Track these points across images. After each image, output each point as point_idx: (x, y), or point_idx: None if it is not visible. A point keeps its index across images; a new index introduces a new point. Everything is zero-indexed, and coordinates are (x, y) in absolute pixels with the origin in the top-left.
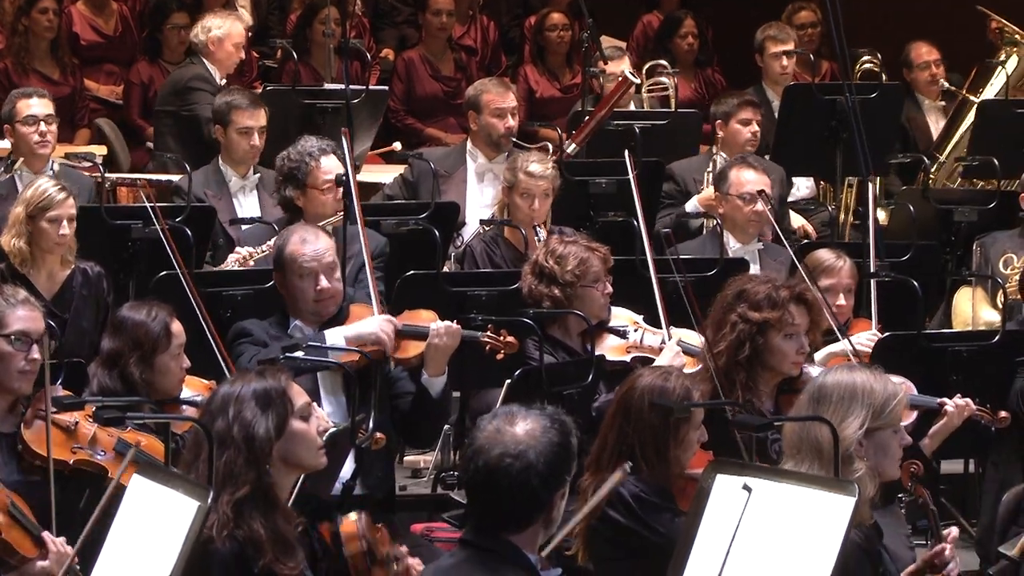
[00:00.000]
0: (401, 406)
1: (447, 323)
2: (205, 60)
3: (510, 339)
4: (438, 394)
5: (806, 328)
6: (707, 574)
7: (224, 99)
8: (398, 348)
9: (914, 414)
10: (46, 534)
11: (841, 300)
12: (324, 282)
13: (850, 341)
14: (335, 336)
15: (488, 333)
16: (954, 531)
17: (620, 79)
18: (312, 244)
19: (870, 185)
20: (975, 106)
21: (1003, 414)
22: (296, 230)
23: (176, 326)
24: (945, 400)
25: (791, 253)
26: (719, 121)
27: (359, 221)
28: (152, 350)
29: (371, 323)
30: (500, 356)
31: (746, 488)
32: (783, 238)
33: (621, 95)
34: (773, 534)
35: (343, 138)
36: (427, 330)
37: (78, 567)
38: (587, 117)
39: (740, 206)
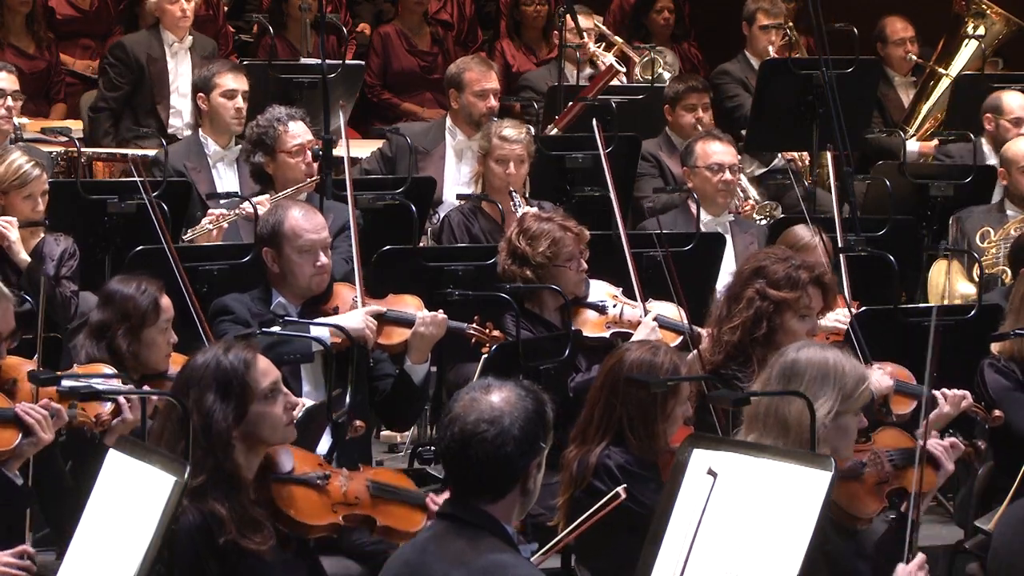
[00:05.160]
0: (381, 387)
1: (434, 313)
2: (161, 25)
3: (496, 333)
4: (420, 381)
5: (819, 310)
6: (683, 549)
7: (205, 69)
8: (382, 334)
9: (912, 404)
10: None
11: None
12: (324, 258)
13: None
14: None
15: (474, 325)
16: None
17: (606, 66)
18: (312, 219)
19: (830, 158)
20: (943, 78)
21: (997, 413)
22: (291, 205)
23: (165, 301)
24: (944, 392)
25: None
26: (667, 105)
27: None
28: (140, 323)
29: (355, 318)
30: (485, 349)
31: (711, 473)
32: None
33: (607, 82)
34: (749, 509)
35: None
36: (413, 318)
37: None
38: (571, 103)
39: (708, 177)
